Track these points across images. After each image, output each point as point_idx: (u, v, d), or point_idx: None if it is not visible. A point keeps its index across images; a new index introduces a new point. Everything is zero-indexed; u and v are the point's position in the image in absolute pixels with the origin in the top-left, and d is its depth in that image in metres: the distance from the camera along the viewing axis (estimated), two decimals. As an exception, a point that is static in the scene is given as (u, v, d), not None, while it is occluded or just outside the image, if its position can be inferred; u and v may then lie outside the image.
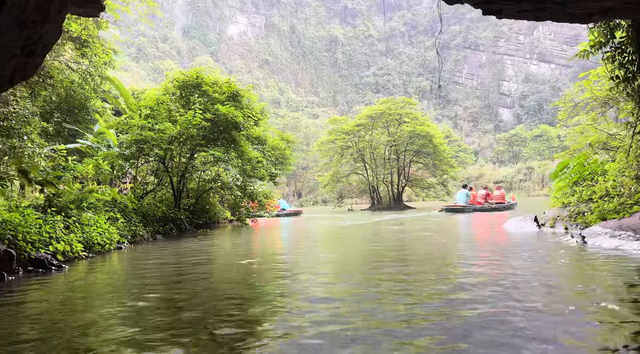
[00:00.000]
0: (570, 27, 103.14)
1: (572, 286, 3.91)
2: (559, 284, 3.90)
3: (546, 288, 3.70)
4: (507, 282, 3.93)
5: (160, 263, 6.76)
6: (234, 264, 6.27)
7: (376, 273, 4.83)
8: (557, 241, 6.85)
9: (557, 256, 5.37)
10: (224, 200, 16.23)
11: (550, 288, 3.73)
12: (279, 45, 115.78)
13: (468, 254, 6.11)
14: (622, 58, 8.69)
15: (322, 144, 29.64)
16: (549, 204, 13.64)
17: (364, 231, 11.53)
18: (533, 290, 3.61)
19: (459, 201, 20.27)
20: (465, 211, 19.16)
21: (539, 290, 3.62)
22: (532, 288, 3.70)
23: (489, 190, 22.04)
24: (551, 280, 4.07)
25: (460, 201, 20.07)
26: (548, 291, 3.59)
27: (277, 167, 14.88)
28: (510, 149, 74.69)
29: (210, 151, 11.68)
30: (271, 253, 7.60)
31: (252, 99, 13.75)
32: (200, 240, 10.56)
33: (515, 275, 4.28)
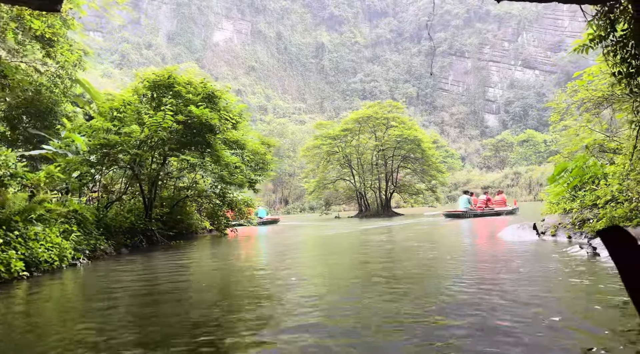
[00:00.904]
0: (554, 33, 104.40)
1: (614, 323, 3.10)
2: (597, 324, 3.09)
3: (569, 324, 2.89)
4: (524, 319, 3.12)
5: (112, 284, 5.85)
6: (204, 284, 5.39)
7: (358, 298, 4.00)
8: (563, 252, 6.11)
9: (569, 274, 4.60)
10: (202, 209, 15.28)
11: (579, 326, 2.92)
12: (265, 52, 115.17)
13: (463, 272, 5.31)
14: (624, 52, 8.01)
15: (307, 149, 28.80)
16: (544, 210, 12.98)
17: (349, 241, 10.71)
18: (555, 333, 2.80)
19: (460, 206, 20.21)
20: (465, 216, 19.09)
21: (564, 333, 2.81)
22: (552, 329, 2.89)
23: (489, 195, 22.14)
24: (578, 312, 3.27)
25: (462, 206, 20.02)
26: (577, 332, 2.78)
27: (257, 172, 13.97)
28: (497, 155, 74.73)
29: (182, 155, 10.73)
30: (248, 269, 6.73)
31: (230, 101, 12.89)
32: (172, 253, 9.65)
33: (527, 306, 3.48)
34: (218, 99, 12.06)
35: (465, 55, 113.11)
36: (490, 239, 8.85)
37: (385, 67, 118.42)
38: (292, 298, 4.22)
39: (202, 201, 14.40)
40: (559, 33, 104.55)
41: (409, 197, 28.40)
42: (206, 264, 7.65)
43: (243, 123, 13.31)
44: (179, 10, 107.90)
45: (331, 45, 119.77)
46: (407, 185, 28.29)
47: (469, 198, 20.43)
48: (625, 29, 7.95)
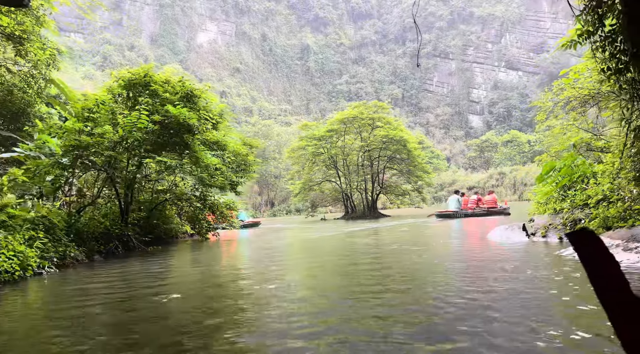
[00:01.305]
0: (536, 35, 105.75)
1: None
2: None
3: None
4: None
5: (78, 294, 5.39)
6: (179, 295, 4.97)
7: (342, 309, 3.64)
8: (556, 255, 5.83)
9: (566, 280, 4.30)
10: (182, 212, 14.77)
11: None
12: (250, 54, 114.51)
13: (451, 280, 4.99)
14: (612, 48, 7.81)
15: (293, 150, 28.38)
16: (532, 210, 12.79)
17: (334, 245, 10.36)
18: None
19: (450, 206, 20.14)
20: (456, 217, 19.02)
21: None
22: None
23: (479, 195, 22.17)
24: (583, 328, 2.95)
25: (452, 206, 19.96)
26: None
27: (239, 174, 13.51)
28: (482, 155, 75.21)
29: (159, 157, 10.24)
30: (227, 277, 6.33)
31: (211, 100, 12.44)
32: (148, 259, 9.18)
33: (523, 319, 3.15)
34: (197, 98, 11.61)
35: (449, 57, 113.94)
36: (479, 241, 8.57)
37: (371, 68, 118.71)
38: (273, 309, 3.85)
39: (182, 204, 13.90)
40: (541, 34, 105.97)
41: (395, 198, 28.14)
42: (182, 271, 7.23)
43: (224, 123, 12.87)
44: (162, 11, 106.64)
45: (316, 46, 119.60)
46: (393, 186, 28.05)
47: (459, 198, 20.33)
48: (613, 24, 7.75)
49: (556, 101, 14.04)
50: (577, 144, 11.29)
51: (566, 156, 9.61)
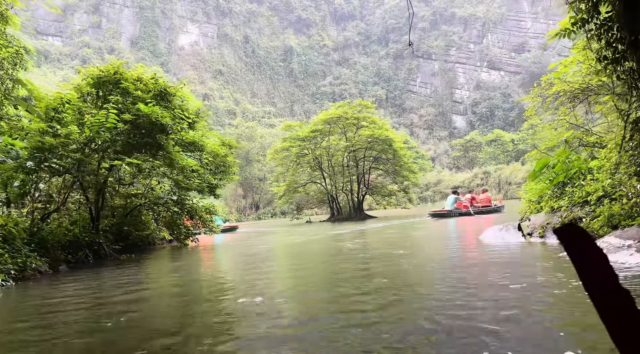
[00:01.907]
0: (518, 35, 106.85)
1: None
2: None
3: None
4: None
5: (33, 309, 4.72)
6: (141, 312, 4.34)
7: (327, 328, 3.07)
8: (556, 257, 5.35)
9: (576, 287, 3.79)
10: (159, 218, 14.04)
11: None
12: (232, 56, 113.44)
13: (444, 289, 4.45)
14: (608, 36, 7.39)
15: (276, 152, 27.67)
16: (523, 208, 12.40)
17: (319, 250, 9.78)
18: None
19: (447, 205, 20.17)
20: (450, 216, 19.00)
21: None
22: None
23: (474, 194, 22.26)
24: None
25: (448, 205, 19.99)
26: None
27: (217, 176, 12.83)
28: (466, 155, 75.46)
29: (128, 159, 9.52)
30: (205, 288, 5.70)
31: (187, 98, 11.77)
32: (119, 269, 8.50)
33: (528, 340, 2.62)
34: (172, 97, 10.94)
35: (432, 58, 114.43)
36: (472, 243, 8.08)
37: (354, 70, 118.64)
38: (251, 328, 3.26)
39: (159, 209, 13.18)
40: (522, 34, 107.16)
41: (381, 199, 27.64)
42: (153, 282, 6.58)
43: (201, 123, 12.20)
44: (142, 13, 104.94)
45: (299, 48, 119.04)
46: (379, 186, 27.54)
47: (456, 197, 20.33)
48: (609, 11, 7.33)
49: (545, 96, 13.72)
50: (569, 139, 10.93)
51: (559, 152, 9.21)
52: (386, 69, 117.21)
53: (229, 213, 48.82)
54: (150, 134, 9.80)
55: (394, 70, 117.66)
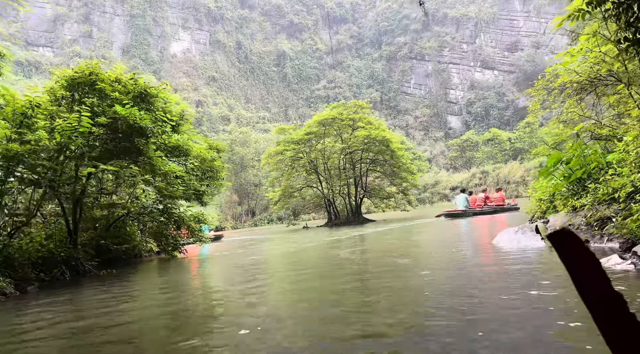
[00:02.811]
0: (510, 34, 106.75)
1: None
2: None
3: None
4: None
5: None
6: (120, 346, 3.52)
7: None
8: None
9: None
10: (145, 228, 13.21)
11: None
12: (225, 62, 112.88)
13: (457, 317, 3.67)
14: (629, 15, 6.65)
15: (270, 156, 26.84)
16: (532, 208, 11.66)
17: (313, 262, 8.99)
18: None
19: (458, 205, 19.75)
20: (465, 216, 18.63)
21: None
22: None
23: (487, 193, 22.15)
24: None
25: (460, 205, 19.57)
26: None
27: (205, 182, 12.00)
28: (463, 155, 74.86)
29: (102, 166, 8.68)
30: (193, 310, 4.89)
31: (170, 100, 10.98)
32: (97, 287, 7.68)
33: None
34: (154, 98, 10.14)
35: (425, 59, 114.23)
36: (485, 248, 7.30)
37: (348, 73, 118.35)
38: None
39: (144, 219, 12.36)
40: (515, 33, 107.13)
41: (379, 202, 26.83)
42: (134, 302, 5.77)
43: (187, 126, 11.40)
44: (133, 22, 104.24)
45: (292, 53, 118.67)
46: (377, 189, 26.75)
47: (467, 197, 19.89)
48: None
49: (550, 89, 13.02)
50: (580, 132, 10.22)
51: (574, 145, 8.46)
52: (380, 71, 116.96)
53: (225, 220, 47.92)
54: (129, 138, 9.01)
55: (388, 73, 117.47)
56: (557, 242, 0.52)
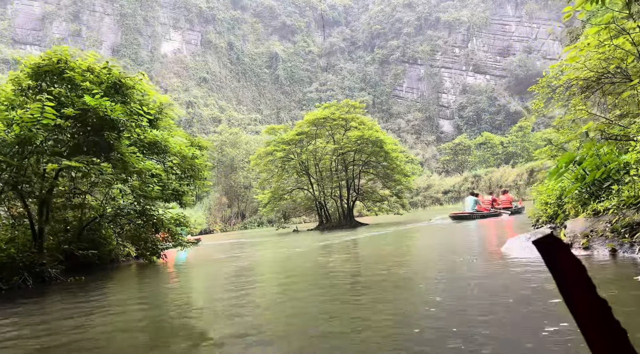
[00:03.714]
0: (502, 39, 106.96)
1: None
2: None
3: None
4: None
5: None
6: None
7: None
8: (624, 279, 3.83)
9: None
10: (123, 232, 12.28)
11: None
12: (217, 63, 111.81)
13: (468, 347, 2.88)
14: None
15: (259, 157, 25.95)
16: (536, 212, 10.96)
17: (302, 269, 8.18)
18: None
19: (467, 208, 19.94)
20: (472, 218, 18.81)
21: None
22: None
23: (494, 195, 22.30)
24: None
25: (469, 207, 19.74)
26: None
27: (185, 182, 11.09)
28: (455, 159, 74.49)
29: (66, 162, 7.75)
30: (164, 331, 4.05)
31: (149, 93, 10.12)
32: (62, 297, 6.81)
33: None
34: (130, 90, 9.27)
35: (418, 63, 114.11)
36: (494, 258, 6.52)
37: (340, 76, 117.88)
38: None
39: (122, 221, 11.46)
40: (507, 38, 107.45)
41: (372, 205, 26.03)
42: (100, 315, 4.90)
43: (166, 121, 10.52)
44: (123, 21, 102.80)
45: (285, 55, 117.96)
46: (370, 192, 25.96)
47: (476, 199, 19.99)
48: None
49: (554, 86, 12.35)
50: (589, 131, 9.54)
51: (586, 145, 7.74)
52: (372, 74, 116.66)
53: (214, 223, 46.87)
54: (99, 133, 8.14)
55: (380, 76, 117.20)
56: (543, 248, 0.53)
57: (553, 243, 0.52)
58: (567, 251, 0.52)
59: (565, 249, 0.52)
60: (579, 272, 0.51)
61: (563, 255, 0.52)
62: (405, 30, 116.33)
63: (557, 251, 0.52)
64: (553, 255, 0.52)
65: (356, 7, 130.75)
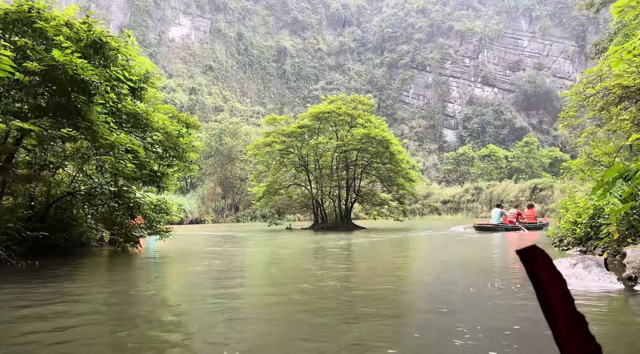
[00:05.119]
0: (514, 53, 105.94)
1: None
2: None
3: None
4: None
5: None
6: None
7: None
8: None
9: None
10: (97, 213, 11.01)
11: None
12: (224, 52, 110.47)
13: None
14: None
15: (257, 147, 24.63)
16: (553, 231, 9.75)
17: (283, 281, 6.96)
18: None
19: (493, 219, 19.73)
20: (497, 230, 18.66)
21: None
22: None
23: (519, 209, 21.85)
24: None
25: (494, 219, 19.53)
26: None
27: (165, 162, 9.76)
28: (457, 169, 73.30)
29: (16, 123, 6.43)
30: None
31: (137, 60, 8.86)
32: (2, 285, 5.58)
33: None
34: (112, 52, 8.01)
35: (426, 70, 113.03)
36: (526, 284, 5.31)
37: (348, 76, 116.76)
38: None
39: (96, 202, 10.20)
40: (519, 53, 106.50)
41: (371, 208, 24.77)
42: (36, 311, 3.66)
43: (151, 93, 9.23)
44: (133, 2, 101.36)
45: (293, 50, 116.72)
46: (370, 194, 24.68)
47: (502, 211, 19.81)
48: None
49: (587, 95, 11.13)
50: (635, 143, 8.35)
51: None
52: (380, 77, 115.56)
53: (206, 213, 45.57)
54: (65, 93, 6.89)
55: (388, 80, 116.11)
56: (526, 259, 0.53)
57: (536, 254, 0.52)
58: (550, 263, 0.52)
59: (548, 261, 0.52)
60: (559, 284, 0.51)
61: (545, 266, 0.52)
62: (417, 36, 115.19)
63: (540, 262, 0.52)
64: (535, 266, 0.52)
65: (369, 9, 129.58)
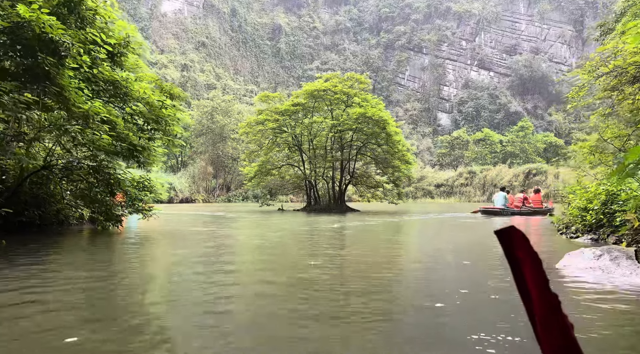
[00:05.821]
0: (511, 36, 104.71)
1: None
2: None
3: None
4: None
5: None
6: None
7: None
8: None
9: None
10: (76, 190, 10.33)
11: None
12: (217, 28, 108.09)
13: None
14: None
15: (249, 125, 23.84)
16: (558, 218, 9.26)
17: (279, 266, 6.40)
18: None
19: (497, 203, 19.47)
20: (502, 214, 18.49)
21: None
22: None
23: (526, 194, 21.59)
24: None
25: (498, 203, 19.30)
26: None
27: (145, 135, 9.03)
28: (452, 153, 72.92)
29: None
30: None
31: (118, 24, 8.07)
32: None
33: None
34: (90, 12, 7.23)
35: (423, 51, 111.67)
36: (551, 280, 4.82)
37: (343, 56, 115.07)
38: None
39: (74, 177, 9.51)
40: (516, 36, 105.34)
41: (365, 191, 24.25)
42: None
43: (132, 59, 8.45)
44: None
45: (288, 28, 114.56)
46: (365, 176, 24.12)
47: (505, 195, 19.52)
48: None
49: (600, 74, 10.51)
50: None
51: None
52: (375, 58, 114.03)
53: (197, 192, 44.88)
54: (33, 54, 6.15)
55: (384, 61, 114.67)
56: (504, 239, 0.54)
57: (514, 234, 0.54)
58: (527, 243, 0.53)
59: (525, 241, 0.53)
60: (534, 264, 0.53)
61: (522, 246, 0.53)
62: (414, 17, 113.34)
63: (517, 242, 0.53)
64: (512, 246, 0.54)
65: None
